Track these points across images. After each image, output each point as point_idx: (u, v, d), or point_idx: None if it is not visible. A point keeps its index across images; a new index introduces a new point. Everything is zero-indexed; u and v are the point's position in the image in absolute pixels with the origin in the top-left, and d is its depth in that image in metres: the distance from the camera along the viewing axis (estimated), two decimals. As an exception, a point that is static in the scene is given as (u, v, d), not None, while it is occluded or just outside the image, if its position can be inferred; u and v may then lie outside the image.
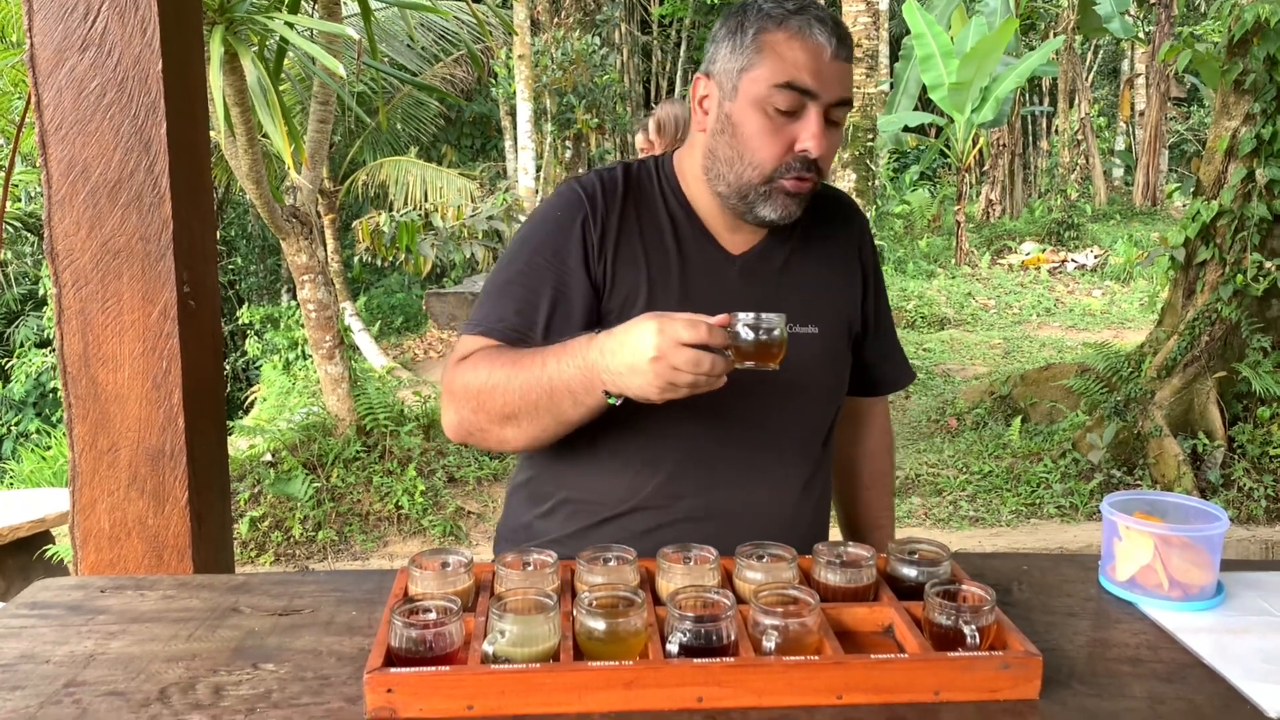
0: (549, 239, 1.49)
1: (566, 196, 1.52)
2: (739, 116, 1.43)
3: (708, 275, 1.52)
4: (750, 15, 1.43)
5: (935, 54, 11.75)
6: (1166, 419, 5.27)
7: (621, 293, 1.48)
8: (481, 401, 1.40)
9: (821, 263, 1.59)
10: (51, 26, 1.57)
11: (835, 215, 1.65)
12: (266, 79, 3.93)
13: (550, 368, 1.34)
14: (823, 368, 1.56)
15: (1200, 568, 1.29)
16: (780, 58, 1.39)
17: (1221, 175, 5.26)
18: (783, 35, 1.40)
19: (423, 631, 1.05)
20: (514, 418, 1.38)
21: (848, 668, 1.04)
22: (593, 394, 1.32)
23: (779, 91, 1.39)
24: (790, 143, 1.41)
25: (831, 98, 1.40)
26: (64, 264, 1.61)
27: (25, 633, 1.22)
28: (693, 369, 1.22)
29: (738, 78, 1.43)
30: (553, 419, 1.37)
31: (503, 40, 11.29)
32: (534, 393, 1.35)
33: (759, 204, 1.45)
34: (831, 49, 1.39)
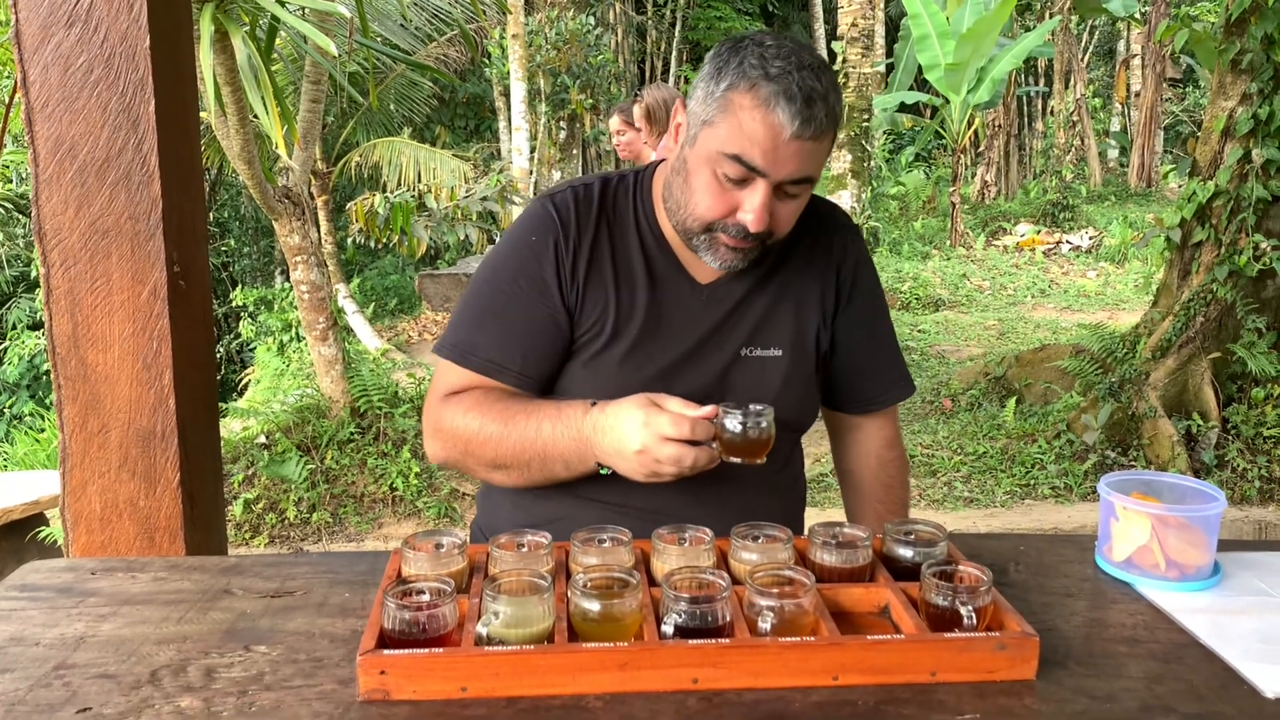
0: (523, 265, 1.50)
1: (539, 218, 1.51)
2: (692, 166, 1.41)
3: (675, 304, 1.52)
4: (730, 65, 1.36)
5: (931, 34, 11.71)
6: (1161, 400, 5.27)
7: (589, 318, 1.49)
8: (472, 449, 1.47)
9: (793, 284, 1.57)
10: (37, 2, 1.55)
11: (817, 230, 1.60)
12: (258, 58, 3.90)
13: (545, 433, 1.40)
14: (786, 391, 1.54)
15: (1197, 548, 1.28)
16: (738, 126, 1.33)
17: (1218, 156, 5.25)
18: (748, 101, 1.32)
19: (416, 613, 1.04)
20: (504, 468, 1.46)
21: (843, 648, 1.03)
22: (585, 463, 1.41)
23: (728, 160, 1.35)
24: (733, 208, 1.39)
25: (784, 177, 1.35)
26: (52, 244, 1.60)
27: (15, 615, 1.21)
28: (674, 464, 1.29)
29: (699, 128, 1.39)
30: (543, 476, 1.45)
31: (496, 20, 11.22)
32: (527, 453, 1.43)
33: (701, 250, 1.45)
34: (793, 130, 1.31)
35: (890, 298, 9.98)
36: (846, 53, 9.95)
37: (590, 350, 1.49)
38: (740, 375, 1.52)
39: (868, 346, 1.65)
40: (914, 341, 8.31)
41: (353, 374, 5.56)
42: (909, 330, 8.75)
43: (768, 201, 1.36)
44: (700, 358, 1.51)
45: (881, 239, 12.28)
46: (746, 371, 1.52)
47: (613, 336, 1.48)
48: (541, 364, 1.50)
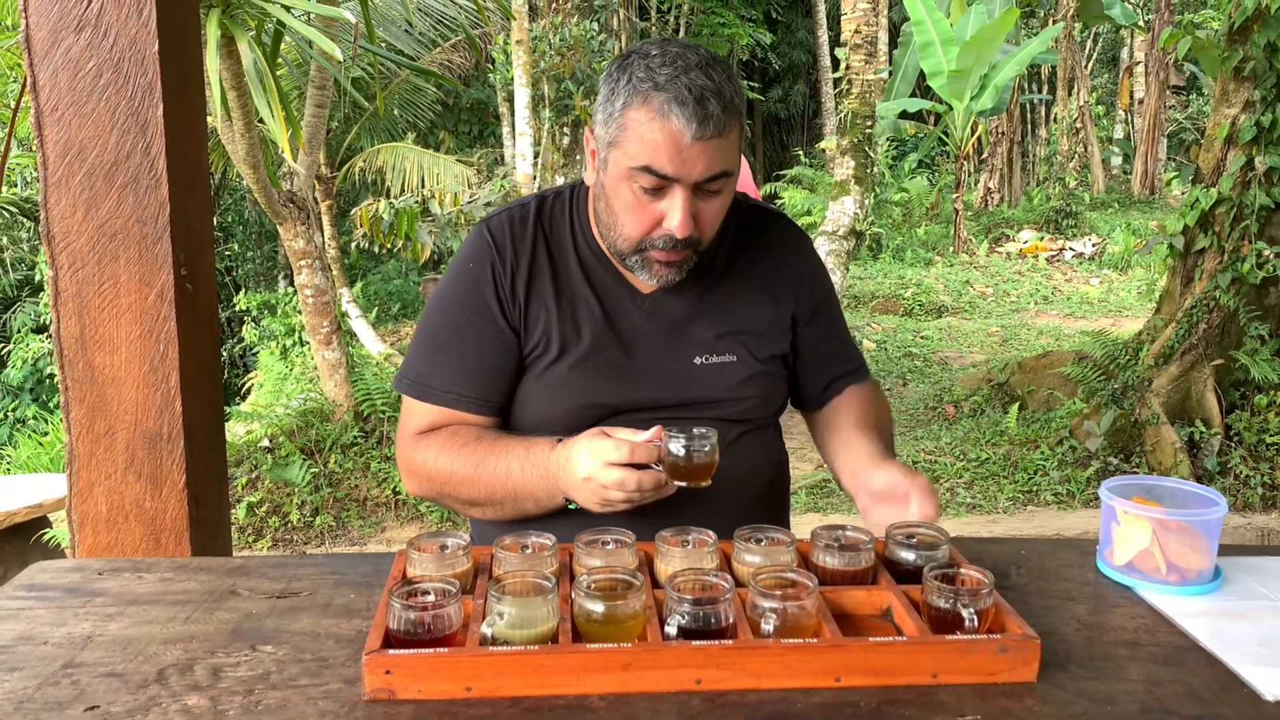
0: (466, 293, 1.53)
1: (477, 244, 1.55)
2: (610, 189, 1.43)
3: (617, 318, 1.53)
4: (621, 82, 1.38)
5: (935, 41, 11.72)
6: (1164, 407, 5.27)
7: (534, 336, 1.52)
8: (446, 489, 1.52)
9: (741, 290, 1.58)
10: (47, 7, 1.56)
11: (762, 239, 1.63)
12: (263, 63, 3.91)
13: (515, 472, 1.44)
14: (746, 390, 1.55)
15: (1198, 552, 1.29)
16: (640, 140, 1.35)
17: (1221, 163, 5.25)
18: (643, 115, 1.35)
19: (421, 613, 1.05)
20: (479, 505, 1.50)
21: (846, 650, 1.04)
22: (553, 500, 1.44)
23: (639, 174, 1.37)
24: (657, 220, 1.40)
25: (697, 178, 1.36)
26: (60, 246, 1.61)
27: (23, 614, 1.22)
28: (620, 489, 1.32)
29: (607, 151, 1.41)
30: (516, 512, 1.49)
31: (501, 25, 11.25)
32: (498, 492, 1.46)
33: (636, 269, 1.47)
34: (692, 133, 1.32)
35: (893, 303, 9.99)
36: (850, 59, 9.95)
37: (540, 366, 1.52)
38: (699, 383, 1.53)
39: (825, 346, 1.68)
40: (916, 348, 8.31)
41: (356, 378, 5.57)
42: (912, 336, 8.75)
43: (688, 205, 1.38)
44: (654, 368, 1.52)
45: (885, 245, 12.30)
46: (704, 379, 1.53)
47: (560, 351, 1.51)
48: (497, 387, 1.53)
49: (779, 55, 20.31)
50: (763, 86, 20.50)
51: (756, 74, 20.19)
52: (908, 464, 5.55)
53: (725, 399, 1.54)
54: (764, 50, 18.85)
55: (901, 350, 8.21)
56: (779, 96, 21.52)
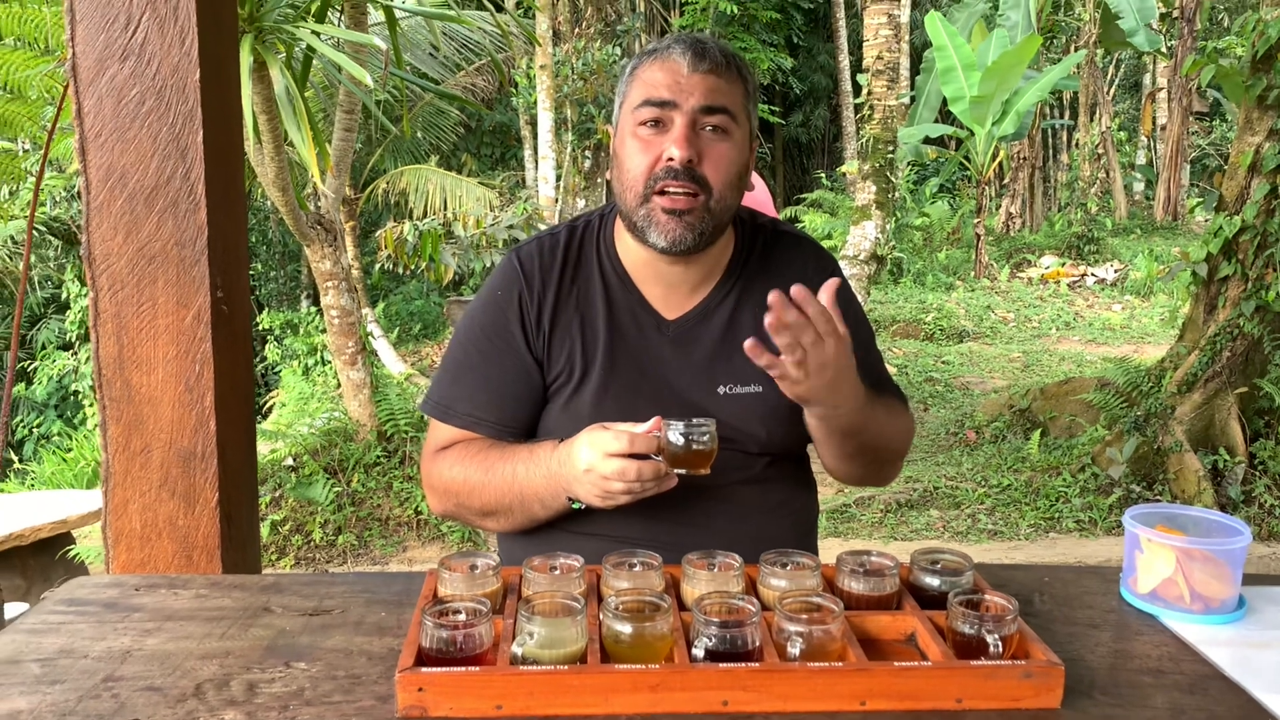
0: (492, 321, 1.57)
1: (505, 273, 1.59)
2: (619, 147, 1.50)
3: (641, 346, 1.54)
4: (632, 61, 1.52)
5: (956, 67, 11.76)
6: (1187, 434, 5.25)
7: (558, 365, 1.54)
8: (461, 500, 1.54)
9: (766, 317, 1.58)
10: (93, 36, 1.60)
11: (786, 264, 1.62)
12: (294, 87, 3.98)
13: (520, 476, 1.47)
14: (766, 426, 1.54)
15: (1222, 581, 1.29)
16: (642, 83, 1.46)
17: (1245, 190, 5.25)
18: (646, 64, 1.48)
19: (453, 632, 1.07)
20: (492, 514, 1.53)
21: (871, 674, 1.05)
22: (558, 500, 1.45)
23: (641, 109, 1.45)
24: (660, 154, 1.44)
25: (694, 105, 1.43)
26: (101, 268, 1.65)
27: (64, 628, 1.25)
28: (620, 478, 1.33)
29: (619, 115, 1.51)
30: (525, 517, 1.51)
31: (524, 49, 11.36)
32: (507, 497, 1.49)
33: (647, 230, 1.47)
34: (688, 62, 1.44)
35: (914, 328, 9.98)
36: (872, 85, 9.99)
37: (564, 395, 1.54)
38: (722, 413, 1.50)
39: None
40: (938, 373, 8.30)
41: (380, 398, 5.62)
42: (933, 361, 8.74)
43: (687, 131, 1.43)
44: (676, 396, 1.52)
45: (906, 270, 12.29)
46: (728, 409, 1.52)
47: (582, 379, 1.53)
48: (518, 413, 1.55)
49: (800, 79, 20.38)
50: (784, 110, 20.57)
51: (778, 98, 20.27)
52: (930, 489, 5.52)
53: (750, 431, 1.53)
54: (785, 75, 18.93)
55: (923, 375, 8.20)
56: (800, 121, 21.58)
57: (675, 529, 1.50)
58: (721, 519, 1.53)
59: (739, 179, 1.49)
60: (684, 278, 1.55)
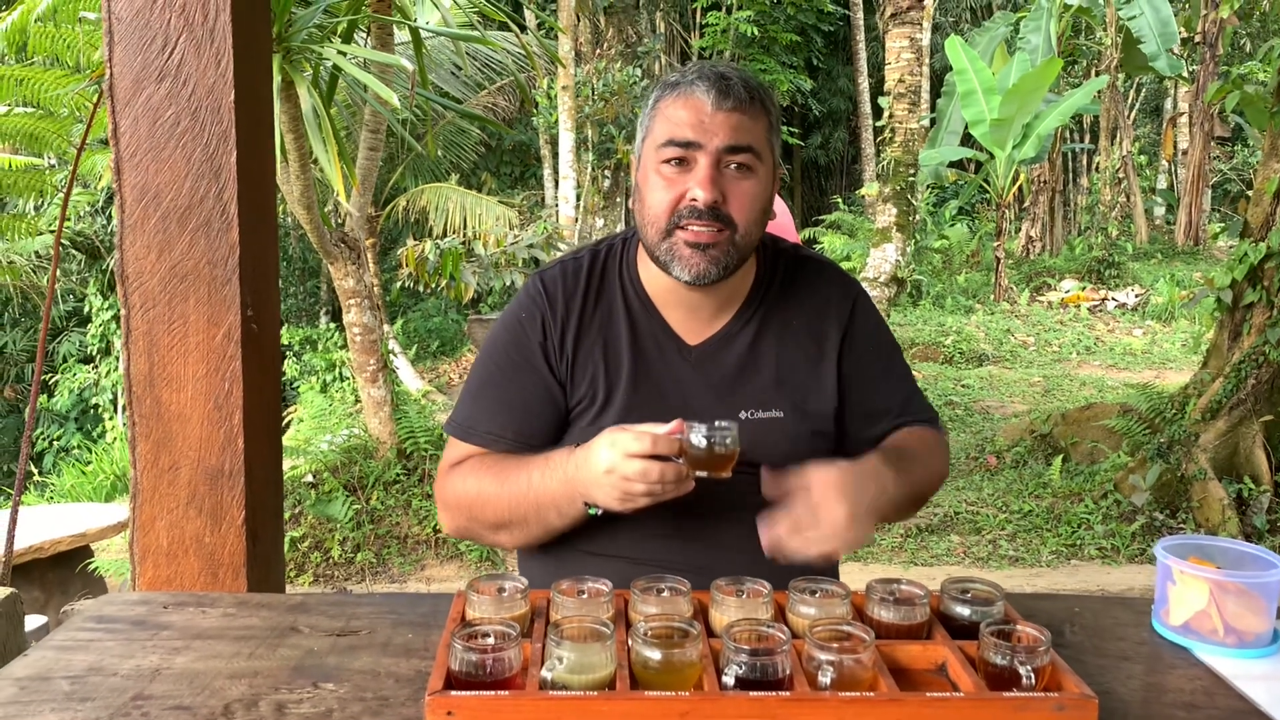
0: (515, 341, 1.56)
1: (530, 295, 1.59)
2: (642, 182, 1.49)
3: (663, 370, 1.54)
4: (654, 91, 1.50)
5: (977, 90, 11.76)
6: (1211, 462, 5.20)
7: (580, 389, 1.54)
8: (474, 513, 1.51)
9: (789, 343, 1.57)
10: (130, 58, 1.62)
11: (812, 289, 1.61)
12: (321, 106, 4.01)
13: (535, 483, 1.44)
14: (786, 452, 1.50)
15: (1256, 614, 1.28)
16: (666, 119, 1.45)
17: (1270, 217, 5.22)
18: (669, 99, 1.46)
19: (483, 656, 1.07)
20: (505, 526, 1.50)
21: (903, 705, 1.04)
22: (574, 505, 1.42)
23: (665, 149, 1.44)
24: (683, 193, 1.43)
25: (719, 145, 1.41)
26: (133, 286, 1.66)
27: (93, 646, 1.25)
28: (643, 479, 1.31)
29: (641, 148, 1.50)
30: (540, 528, 1.48)
31: (546, 69, 11.43)
32: (521, 506, 1.46)
33: (671, 264, 1.46)
34: (711, 101, 1.41)
35: (933, 351, 9.94)
36: (893, 108, 10.01)
37: (586, 418, 1.53)
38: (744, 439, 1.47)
39: (878, 400, 1.61)
40: (958, 396, 8.26)
41: (399, 415, 5.63)
42: (952, 385, 8.70)
43: (711, 173, 1.41)
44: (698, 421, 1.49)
45: (925, 292, 12.26)
46: (749, 434, 1.48)
47: (604, 404, 1.52)
48: (539, 433, 1.54)
49: (819, 101, 20.43)
50: (803, 132, 20.62)
51: (797, 120, 20.31)
52: (950, 514, 5.47)
53: (772, 456, 1.50)
54: (804, 96, 18.98)
55: (943, 398, 8.16)
56: (819, 143, 21.62)
57: (696, 550, 1.50)
58: (742, 541, 1.51)
59: (763, 214, 1.49)
60: (706, 303, 1.55)
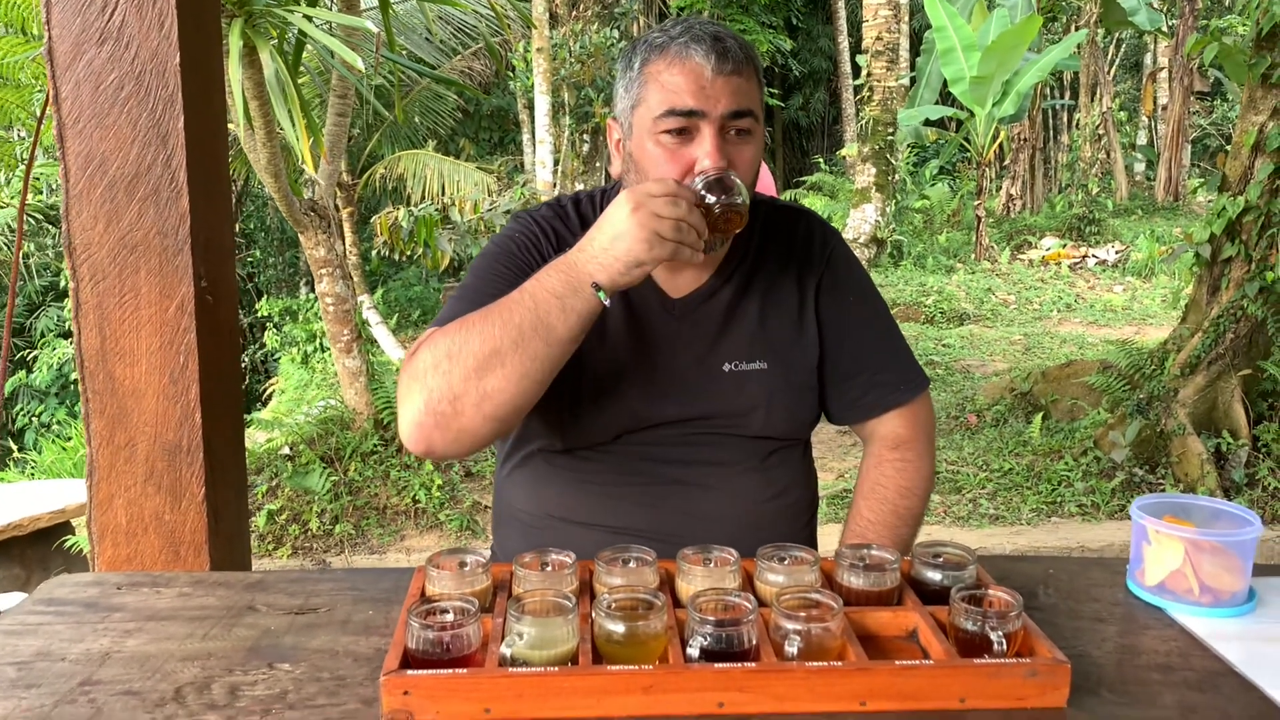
0: (509, 254, 1.50)
1: (524, 223, 1.55)
2: (638, 153, 1.42)
3: (647, 323, 1.50)
4: (638, 50, 1.43)
5: (956, 47, 11.67)
6: (1190, 417, 5.21)
7: None
8: (454, 355, 1.28)
9: (772, 294, 1.55)
10: (69, 19, 1.56)
11: (791, 239, 1.59)
12: (285, 72, 3.93)
13: (530, 288, 1.30)
14: (775, 403, 1.51)
15: (1232, 573, 1.26)
16: (661, 86, 1.38)
17: (1248, 171, 5.19)
18: (663, 63, 1.38)
19: (440, 633, 1.04)
20: (497, 354, 1.27)
21: (872, 674, 1.02)
22: (580, 294, 1.27)
23: (665, 119, 1.37)
24: (690, 165, 1.38)
25: (722, 111, 1.36)
26: (81, 258, 1.61)
27: (42, 630, 1.21)
28: (672, 210, 1.24)
29: (631, 115, 1.43)
30: (541, 341, 1.27)
31: (521, 33, 11.27)
32: (517, 315, 1.27)
33: None
34: (711, 65, 1.36)
35: (914, 311, 9.93)
36: (871, 66, 9.93)
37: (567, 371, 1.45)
38: (725, 390, 1.50)
39: (858, 352, 1.58)
40: (939, 356, 8.26)
41: (376, 385, 5.58)
42: (934, 345, 8.70)
43: (718, 141, 1.37)
44: (681, 373, 1.49)
45: (906, 252, 12.23)
46: (731, 386, 1.50)
47: (586, 355, 1.46)
48: None
49: (800, 62, 20.27)
50: (783, 93, 20.46)
51: (777, 81, 20.15)
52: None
53: (753, 409, 1.50)
54: (784, 57, 18.82)
55: (924, 358, 8.16)
56: (799, 104, 21.47)
57: (674, 518, 1.48)
58: (721, 508, 1.50)
59: (757, 174, 1.46)
60: None
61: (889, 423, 1.60)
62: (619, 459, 1.49)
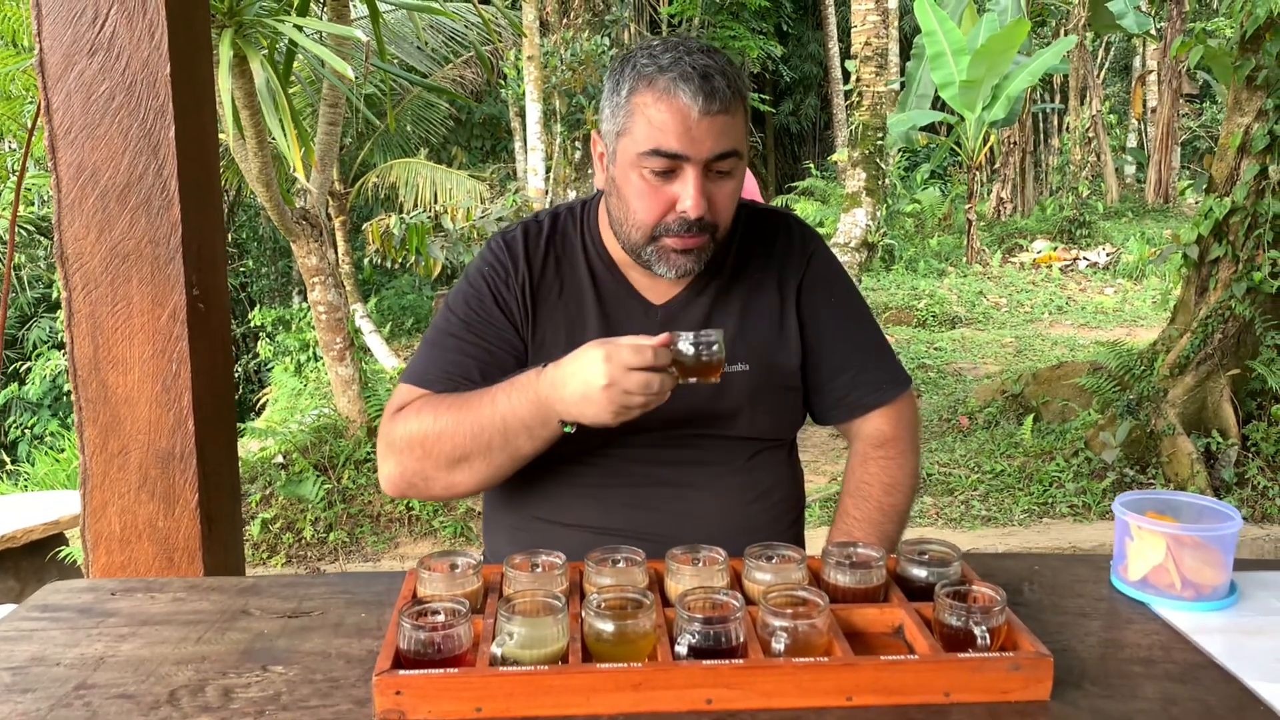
0: (476, 296, 1.53)
1: (490, 255, 1.57)
2: (620, 180, 1.44)
3: (629, 330, 1.49)
4: (626, 73, 1.42)
5: (946, 52, 11.71)
6: (1180, 417, 5.24)
7: (545, 350, 1.51)
8: (428, 448, 1.41)
9: (753, 297, 1.56)
10: (60, 31, 1.58)
11: (771, 242, 1.60)
12: (276, 82, 3.94)
13: (501, 405, 1.38)
14: (756, 405, 1.53)
15: (1213, 567, 1.28)
16: (648, 122, 1.38)
17: (1234, 172, 5.23)
18: (650, 97, 1.38)
19: (431, 634, 1.05)
20: (465, 459, 1.40)
21: (857, 669, 1.03)
22: (548, 426, 1.36)
23: (649, 158, 1.38)
24: (670, 203, 1.40)
25: (707, 155, 1.38)
26: (74, 268, 1.62)
27: (36, 635, 1.22)
28: (643, 391, 1.28)
29: (615, 141, 1.44)
30: (507, 456, 1.40)
31: (512, 41, 11.30)
32: (487, 431, 1.38)
33: (653, 262, 1.46)
34: (699, 108, 1.35)
35: (906, 315, 9.96)
36: (860, 71, 9.97)
37: None
38: (711, 395, 1.49)
39: (841, 352, 1.60)
40: (930, 359, 8.29)
41: (369, 394, 5.59)
42: (925, 348, 8.73)
43: (700, 185, 1.38)
44: None
45: (897, 256, 12.27)
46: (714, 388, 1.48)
47: None
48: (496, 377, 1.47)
49: (790, 68, 20.32)
50: (774, 99, 20.51)
51: (768, 86, 20.20)
52: (923, 476, 5.51)
53: (737, 411, 1.52)
54: (775, 63, 18.87)
55: (915, 362, 8.18)
56: (790, 109, 21.53)
57: (660, 518, 1.49)
58: (708, 508, 1.51)
59: (737, 202, 1.49)
60: None
61: (873, 421, 1.62)
62: (605, 461, 1.50)
